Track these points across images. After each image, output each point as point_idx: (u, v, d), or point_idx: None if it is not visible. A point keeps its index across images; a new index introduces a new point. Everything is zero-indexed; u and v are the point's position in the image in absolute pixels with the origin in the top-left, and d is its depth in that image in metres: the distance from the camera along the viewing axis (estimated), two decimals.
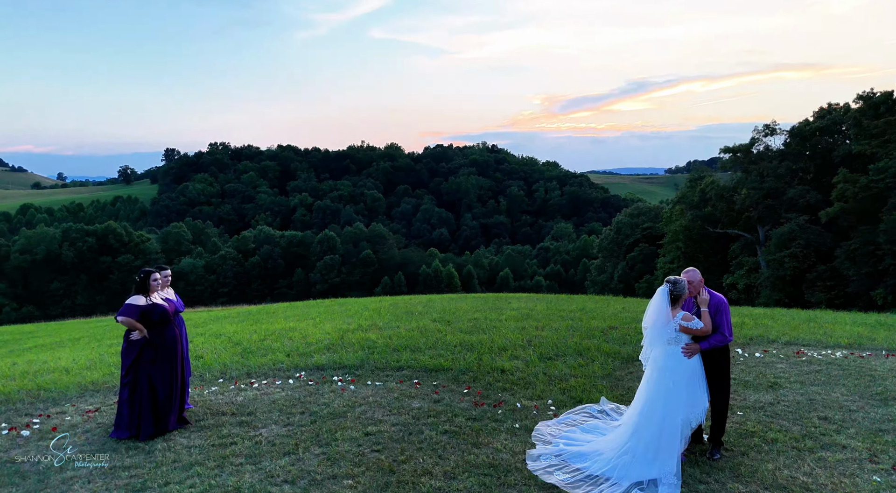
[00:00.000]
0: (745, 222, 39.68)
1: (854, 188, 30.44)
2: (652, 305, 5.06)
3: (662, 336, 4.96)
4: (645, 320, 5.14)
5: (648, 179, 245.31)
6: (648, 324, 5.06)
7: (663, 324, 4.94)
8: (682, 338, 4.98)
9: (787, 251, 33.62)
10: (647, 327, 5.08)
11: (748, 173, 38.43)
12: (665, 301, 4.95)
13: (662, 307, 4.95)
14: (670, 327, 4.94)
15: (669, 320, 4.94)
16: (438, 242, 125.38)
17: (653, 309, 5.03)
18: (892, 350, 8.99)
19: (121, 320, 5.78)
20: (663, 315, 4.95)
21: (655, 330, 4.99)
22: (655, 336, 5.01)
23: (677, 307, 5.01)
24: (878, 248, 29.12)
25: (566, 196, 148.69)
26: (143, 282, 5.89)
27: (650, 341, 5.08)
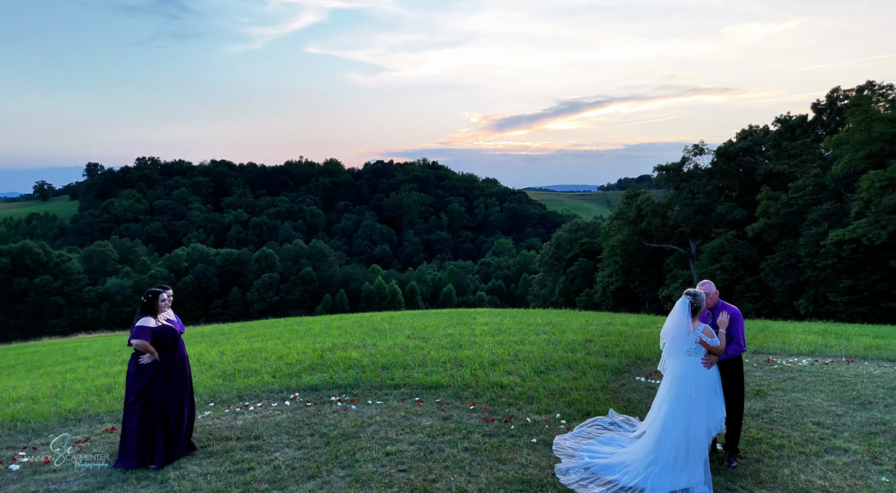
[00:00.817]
0: (679, 237, 41.90)
1: (776, 205, 32.86)
2: (673, 317, 5.24)
3: (682, 347, 5.15)
4: (665, 331, 5.31)
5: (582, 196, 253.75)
6: (669, 336, 5.23)
7: (684, 336, 5.13)
8: (702, 349, 5.18)
9: (717, 264, 35.72)
10: (667, 339, 5.26)
11: (680, 191, 40.71)
12: (686, 313, 5.15)
13: (684, 319, 5.15)
14: (691, 338, 5.13)
15: (690, 332, 5.13)
16: (380, 259, 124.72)
17: (674, 321, 5.21)
18: (850, 357, 9.78)
19: (135, 344, 5.53)
20: (684, 327, 5.14)
21: (676, 341, 5.17)
22: (675, 347, 5.18)
23: (696, 319, 5.22)
24: (799, 260, 31.49)
25: (506, 212, 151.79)
26: (150, 302, 5.68)
27: (670, 352, 5.26)
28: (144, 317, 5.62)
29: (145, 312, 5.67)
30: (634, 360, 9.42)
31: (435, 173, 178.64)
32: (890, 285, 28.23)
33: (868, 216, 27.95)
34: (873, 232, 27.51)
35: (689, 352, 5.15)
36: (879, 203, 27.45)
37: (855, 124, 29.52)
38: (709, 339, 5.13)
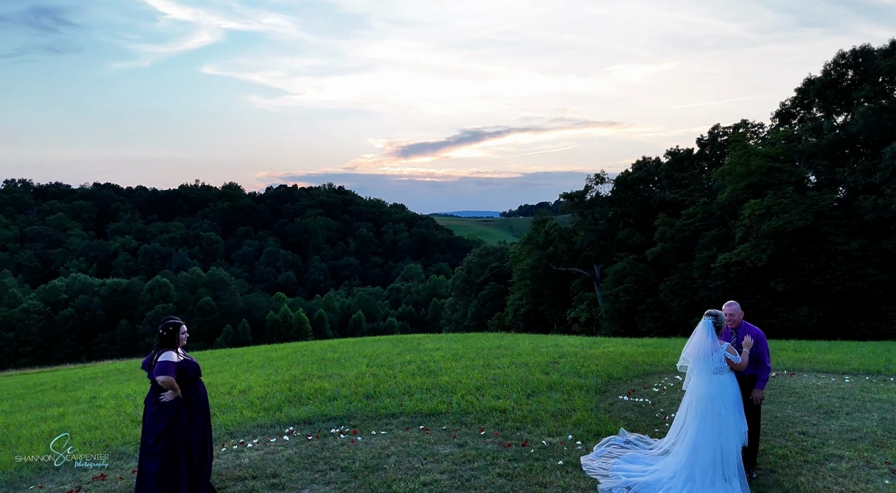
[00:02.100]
0: (584, 261, 43.94)
1: (671, 231, 35.42)
2: (696, 337, 5.49)
3: (709, 366, 5.37)
4: (688, 351, 5.53)
5: (486, 222, 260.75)
6: (693, 355, 5.46)
7: (709, 354, 5.37)
8: (727, 367, 5.41)
9: (620, 287, 37.75)
10: (691, 358, 5.48)
11: (584, 217, 42.87)
12: (710, 333, 5.41)
13: (709, 339, 5.40)
14: (717, 356, 5.37)
15: (716, 351, 5.38)
16: (285, 286, 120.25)
17: (698, 341, 5.45)
18: (791, 369, 10.52)
19: (162, 381, 5.05)
20: (709, 346, 5.39)
21: (702, 360, 5.40)
22: (702, 366, 5.41)
23: (718, 338, 5.49)
24: (693, 282, 34.00)
25: (414, 237, 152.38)
26: (171, 335, 5.24)
27: (695, 371, 5.47)
28: (166, 351, 5.20)
29: (165, 345, 5.24)
30: (607, 380, 9.65)
31: (342, 198, 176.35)
32: (771, 303, 31.09)
33: (750, 241, 30.77)
34: (755, 255, 30.31)
35: (716, 370, 5.38)
36: (759, 229, 30.34)
37: (735, 158, 32.62)
38: (732, 356, 5.38)
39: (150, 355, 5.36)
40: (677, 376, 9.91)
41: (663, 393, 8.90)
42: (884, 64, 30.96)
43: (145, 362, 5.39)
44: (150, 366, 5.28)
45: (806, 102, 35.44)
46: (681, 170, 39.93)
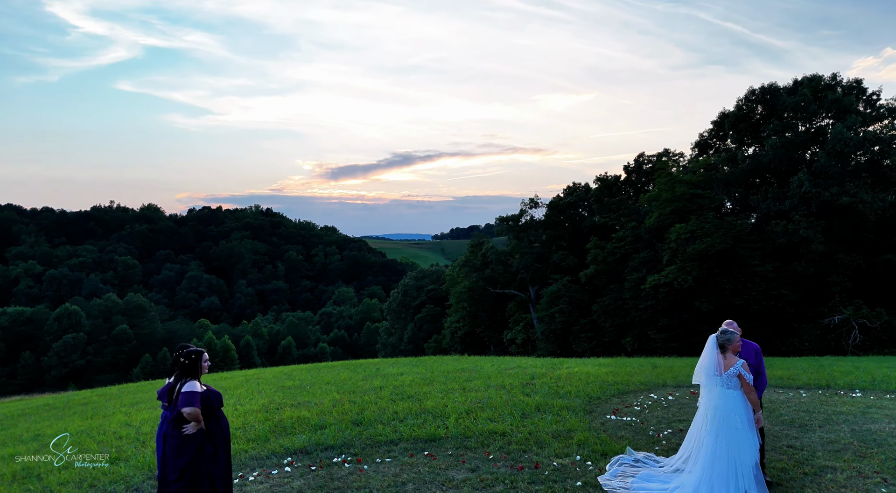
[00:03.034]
0: (520, 283, 44.73)
1: (603, 253, 36.78)
2: (710, 355, 5.64)
3: (726, 382, 5.51)
4: (703, 368, 5.67)
5: (418, 244, 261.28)
6: (710, 371, 5.59)
7: (722, 370, 5.54)
8: (737, 383, 5.54)
9: (556, 308, 38.65)
10: (704, 374, 5.63)
11: (520, 240, 43.80)
12: (717, 350, 5.60)
13: (717, 356, 5.58)
14: (732, 372, 5.51)
15: (730, 368, 5.53)
16: (209, 312, 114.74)
17: (708, 359, 5.61)
18: None
19: (188, 412, 4.82)
20: (719, 362, 5.55)
21: (718, 377, 5.54)
22: (714, 382, 5.56)
23: (727, 355, 5.63)
24: (624, 303, 35.32)
25: (346, 261, 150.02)
26: (193, 364, 5.03)
27: (707, 386, 5.63)
28: (190, 380, 4.98)
29: (187, 374, 5.01)
30: (588, 400, 9.73)
31: (270, 221, 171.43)
32: (696, 322, 32.74)
33: (676, 263, 32.42)
34: (681, 277, 31.94)
35: (729, 386, 5.50)
36: (684, 252, 32.07)
37: (661, 185, 34.49)
38: (746, 374, 5.51)
39: (168, 384, 5.10)
40: (652, 395, 10.16)
41: (646, 412, 9.10)
42: (788, 101, 33.90)
43: (162, 391, 5.12)
44: (169, 396, 5.01)
45: (721, 133, 38.13)
46: (610, 195, 41.72)
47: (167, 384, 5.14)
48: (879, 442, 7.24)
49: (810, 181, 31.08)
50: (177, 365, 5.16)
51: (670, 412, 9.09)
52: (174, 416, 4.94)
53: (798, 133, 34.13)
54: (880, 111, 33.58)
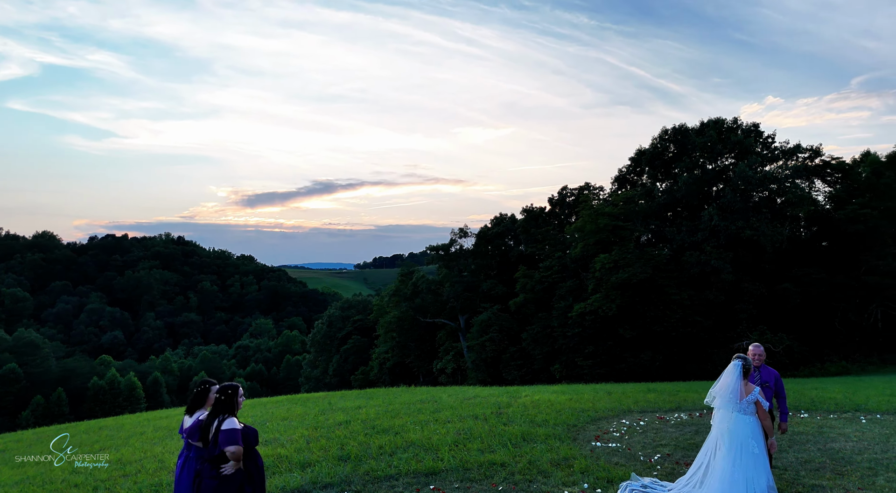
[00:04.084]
0: (450, 312, 44.85)
1: (531, 282, 37.70)
2: (727, 379, 5.76)
3: (744, 408, 5.64)
4: (720, 394, 5.77)
5: (340, 274, 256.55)
6: (722, 395, 5.71)
7: (741, 396, 5.66)
8: (754, 408, 5.68)
9: (486, 336, 38.98)
10: (720, 397, 5.73)
11: (450, 269, 44.10)
12: (739, 376, 5.71)
13: (738, 381, 5.69)
14: (750, 398, 5.65)
15: (749, 394, 5.67)
16: (112, 348, 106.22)
17: (728, 382, 5.72)
18: (699, 410, 11.29)
19: (233, 451, 4.55)
20: (740, 388, 5.66)
21: (731, 401, 5.66)
22: (731, 407, 5.66)
23: (747, 381, 5.77)
24: (552, 331, 36.21)
25: (264, 291, 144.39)
26: (231, 399, 4.74)
27: (722, 410, 5.73)
28: (229, 417, 4.68)
29: (224, 410, 4.69)
30: (566, 427, 9.72)
31: (182, 249, 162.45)
32: (620, 349, 34.04)
33: (601, 292, 33.75)
34: (606, 305, 33.24)
35: (746, 411, 5.64)
36: (608, 281, 33.47)
37: (586, 217, 36.04)
38: (763, 400, 5.68)
39: (199, 421, 4.78)
40: (624, 421, 10.31)
41: (626, 437, 9.22)
42: (697, 141, 36.74)
43: (192, 428, 4.79)
44: (204, 434, 4.70)
45: (638, 169, 40.61)
46: (536, 226, 43.06)
47: (196, 422, 4.84)
48: (848, 460, 7.72)
49: (719, 215, 33.60)
50: (198, 400, 4.92)
51: (648, 437, 9.27)
52: (213, 455, 4.64)
53: (706, 171, 36.96)
54: (775, 153, 37.10)
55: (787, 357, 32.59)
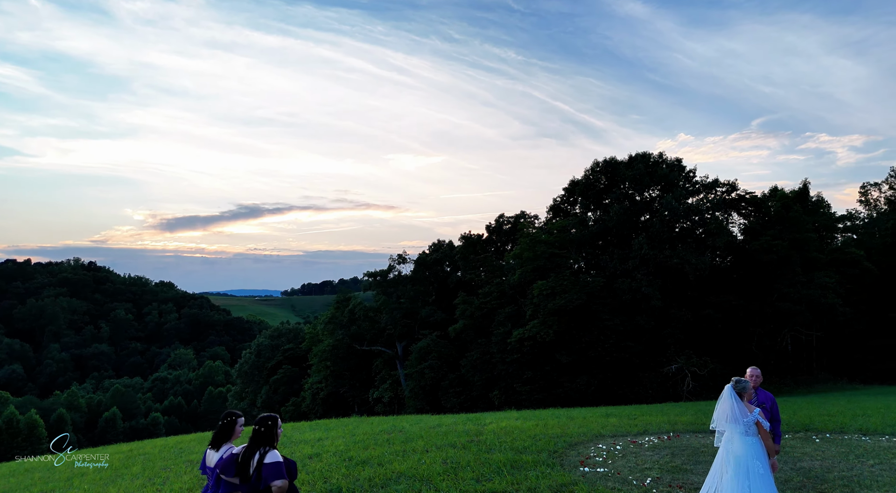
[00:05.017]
0: (387, 339, 44.20)
1: (471, 308, 37.89)
2: (726, 404, 5.86)
3: (746, 430, 5.73)
4: (720, 418, 5.87)
5: (266, 301, 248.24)
6: (730, 419, 5.78)
7: (740, 418, 5.75)
8: (755, 430, 5.77)
9: (425, 363, 38.63)
10: (722, 420, 5.82)
11: (388, 295, 43.61)
12: (734, 398, 5.84)
13: (735, 404, 5.79)
14: (749, 420, 5.75)
15: (748, 415, 5.76)
16: (9, 383, 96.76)
17: (731, 407, 5.82)
18: (669, 432, 11.46)
19: (280, 485, 4.39)
20: (738, 410, 5.76)
21: (731, 423, 5.76)
22: (733, 429, 5.76)
23: (745, 402, 5.86)
24: (491, 357, 36.39)
25: (185, 319, 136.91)
26: (270, 431, 4.61)
27: (726, 433, 5.83)
28: (271, 450, 4.56)
29: (265, 442, 4.53)
30: (549, 453, 9.64)
31: (93, 276, 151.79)
32: (558, 374, 34.66)
33: (539, 318, 34.38)
34: (543, 331, 33.87)
35: (748, 432, 5.75)
36: (546, 307, 34.18)
37: (524, 244, 36.85)
38: (764, 421, 5.79)
39: (231, 455, 4.56)
40: (600, 445, 10.37)
41: (609, 462, 9.25)
42: (627, 173, 38.66)
43: (225, 462, 4.54)
44: (242, 469, 4.45)
45: (572, 199, 42.12)
46: (474, 252, 43.55)
47: (230, 455, 4.61)
48: (822, 478, 8.12)
49: (648, 244, 35.29)
50: (225, 433, 4.77)
51: (631, 461, 9.36)
52: (258, 490, 4.42)
53: (635, 202, 38.87)
54: (696, 186, 39.62)
55: (712, 380, 34.29)
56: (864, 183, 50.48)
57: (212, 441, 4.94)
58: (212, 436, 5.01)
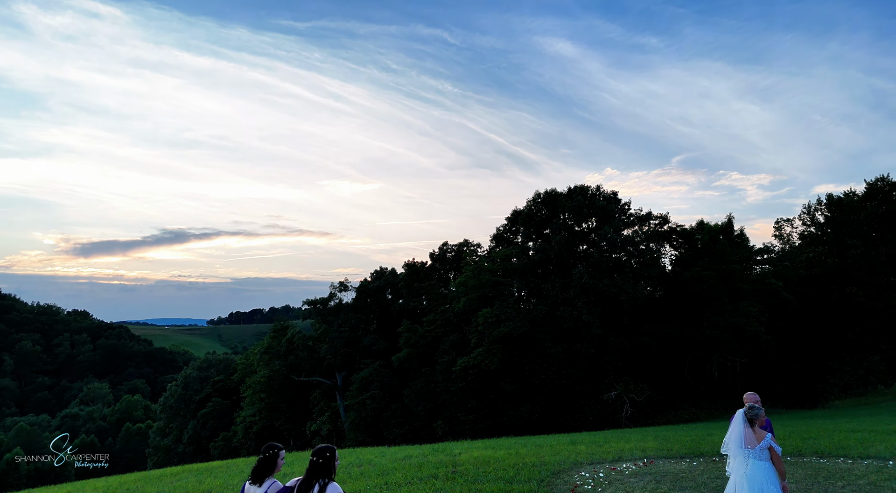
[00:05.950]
0: (327, 369, 42.89)
1: (415, 336, 37.48)
2: (738, 430, 5.94)
3: (758, 454, 5.81)
4: (732, 442, 5.92)
5: (191, 330, 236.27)
6: (740, 444, 5.84)
7: (747, 442, 5.83)
8: (768, 454, 5.85)
9: (367, 394, 37.69)
10: (737, 447, 5.87)
11: (329, 324, 42.49)
12: (746, 424, 5.93)
13: (748, 429, 5.89)
14: (763, 445, 5.83)
15: (761, 440, 5.85)
16: None
17: (743, 432, 5.90)
18: (643, 459, 11.49)
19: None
20: (750, 436, 5.85)
21: (749, 450, 5.82)
22: (749, 454, 5.81)
23: (756, 428, 5.96)
24: (436, 386, 35.98)
25: (101, 350, 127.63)
26: (328, 462, 4.53)
27: (738, 458, 5.86)
28: (331, 482, 4.49)
29: (323, 474, 4.45)
30: (538, 482, 9.48)
31: None
32: (501, 402, 34.68)
33: (483, 346, 34.46)
34: (488, 359, 33.93)
35: (762, 458, 5.83)
36: (490, 335, 34.34)
37: (469, 272, 37.07)
38: (776, 446, 5.88)
39: (284, 489, 4.44)
40: (583, 473, 10.30)
41: (599, 489, 9.21)
42: (567, 204, 39.93)
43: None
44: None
45: (514, 228, 42.95)
46: (418, 280, 43.35)
47: (282, 489, 4.52)
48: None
49: (588, 274, 36.35)
50: (267, 467, 4.65)
51: (618, 488, 9.35)
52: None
53: (574, 232, 40.12)
54: (631, 219, 41.39)
55: (649, 406, 35.33)
56: (778, 219, 54.44)
57: (252, 476, 4.72)
58: (251, 471, 4.76)
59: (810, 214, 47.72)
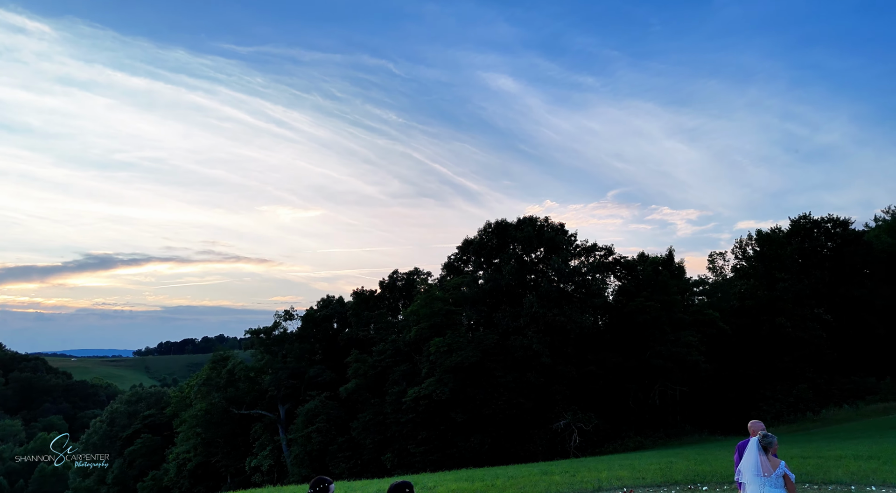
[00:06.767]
0: (269, 401, 41.13)
1: (364, 367, 36.62)
2: (752, 458, 6.04)
3: (773, 482, 5.88)
4: (746, 470, 6.01)
5: (115, 362, 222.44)
6: (754, 472, 5.92)
7: (761, 470, 5.90)
8: (782, 482, 5.93)
9: (313, 427, 36.32)
10: (752, 475, 5.96)
11: (273, 354, 40.95)
12: (761, 452, 6.02)
13: (763, 458, 5.96)
14: (778, 472, 5.90)
15: (776, 468, 5.92)
16: None
17: (758, 460, 6.00)
18: (623, 488, 11.39)
19: None
20: (764, 464, 5.92)
21: (764, 478, 5.89)
22: (764, 482, 5.90)
23: (770, 456, 6.02)
24: (385, 417, 35.10)
25: (13, 384, 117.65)
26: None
27: (753, 485, 5.94)
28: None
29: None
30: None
31: None
32: (452, 433, 34.21)
33: (435, 376, 34.07)
34: (439, 389, 33.54)
35: (776, 485, 5.92)
36: (442, 365, 34.02)
37: (421, 301, 36.80)
38: (790, 473, 5.97)
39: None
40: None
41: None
42: (517, 235, 40.60)
43: None
44: None
45: (465, 257, 43.18)
46: (367, 309, 42.62)
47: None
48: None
49: (538, 303, 36.84)
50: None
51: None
52: None
53: (524, 262, 40.73)
54: (577, 249, 42.48)
55: (597, 435, 35.73)
56: (712, 252, 57.54)
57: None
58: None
59: (742, 248, 50.46)
